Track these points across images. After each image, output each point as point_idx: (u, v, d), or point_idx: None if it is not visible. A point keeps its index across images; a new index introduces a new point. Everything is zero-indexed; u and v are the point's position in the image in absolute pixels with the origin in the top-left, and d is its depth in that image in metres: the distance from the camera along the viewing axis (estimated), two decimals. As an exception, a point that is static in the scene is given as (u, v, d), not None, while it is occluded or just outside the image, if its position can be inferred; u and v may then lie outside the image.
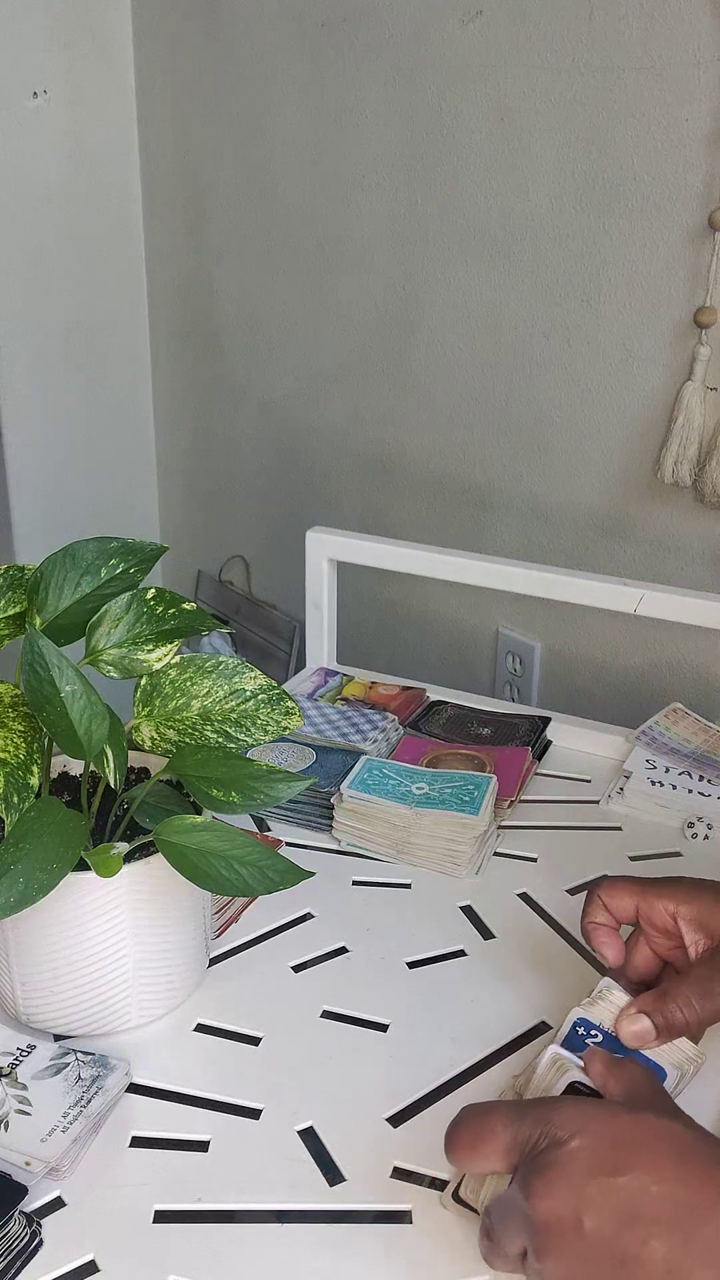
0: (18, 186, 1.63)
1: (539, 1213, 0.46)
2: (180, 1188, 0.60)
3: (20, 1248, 0.56)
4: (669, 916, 0.66)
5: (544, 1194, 0.46)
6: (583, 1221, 0.45)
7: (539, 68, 1.23)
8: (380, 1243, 0.57)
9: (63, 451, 1.81)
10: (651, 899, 0.66)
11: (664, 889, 0.67)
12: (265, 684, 0.69)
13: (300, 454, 1.68)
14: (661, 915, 0.66)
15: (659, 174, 1.16)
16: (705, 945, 0.65)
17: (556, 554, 1.37)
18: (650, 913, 0.66)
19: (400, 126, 1.39)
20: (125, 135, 1.75)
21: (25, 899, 0.58)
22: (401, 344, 1.48)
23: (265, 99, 1.55)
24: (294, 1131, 0.64)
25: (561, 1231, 0.46)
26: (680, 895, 0.66)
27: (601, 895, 0.68)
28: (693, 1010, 0.61)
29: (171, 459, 1.93)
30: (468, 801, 0.89)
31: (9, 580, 0.70)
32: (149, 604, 0.69)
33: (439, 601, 1.53)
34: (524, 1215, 0.47)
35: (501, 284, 1.34)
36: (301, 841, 0.91)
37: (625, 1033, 0.62)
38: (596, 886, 0.69)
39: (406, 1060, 0.69)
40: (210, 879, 0.62)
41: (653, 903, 0.66)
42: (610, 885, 0.68)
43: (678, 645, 1.28)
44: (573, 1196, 0.46)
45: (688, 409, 1.16)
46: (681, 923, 0.65)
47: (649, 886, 0.67)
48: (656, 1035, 0.62)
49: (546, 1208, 0.46)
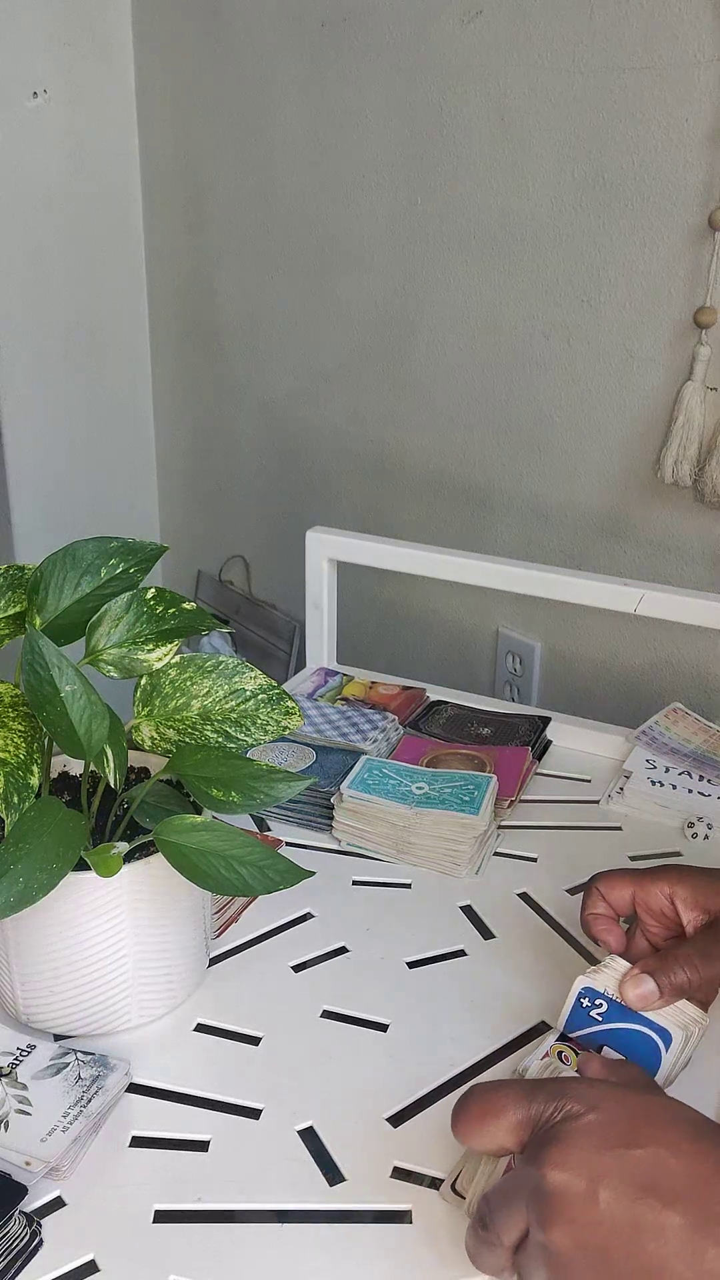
0: (18, 186, 1.63)
1: (552, 1182, 0.47)
2: (180, 1188, 0.60)
3: (20, 1248, 0.56)
4: (666, 898, 0.69)
5: (558, 1163, 0.47)
6: (598, 1191, 0.46)
7: (539, 68, 1.23)
8: (380, 1243, 0.57)
9: (63, 451, 1.81)
10: (647, 884, 0.69)
11: (658, 873, 0.70)
12: (265, 684, 0.69)
13: (300, 454, 1.68)
14: (658, 898, 0.69)
15: (659, 174, 1.16)
16: (702, 919, 0.68)
17: (556, 554, 1.37)
18: (647, 898, 0.69)
19: (400, 126, 1.39)
20: (125, 135, 1.75)
21: (25, 899, 0.58)
22: (401, 344, 1.48)
23: (265, 99, 1.55)
24: (294, 1131, 0.64)
25: (574, 1200, 0.46)
26: (674, 876, 0.69)
27: (599, 888, 0.71)
28: (695, 970, 0.64)
29: (171, 459, 1.93)
30: (468, 801, 0.89)
31: (9, 580, 0.70)
32: (149, 604, 0.69)
33: (439, 601, 1.53)
34: (534, 1188, 0.47)
35: (501, 284, 1.34)
36: (301, 841, 0.91)
37: (630, 995, 0.64)
38: (594, 881, 0.72)
39: (406, 1060, 0.69)
40: (210, 879, 0.62)
41: (648, 887, 0.69)
42: (607, 877, 0.72)
43: (678, 645, 1.29)
44: (588, 1166, 0.46)
45: (688, 409, 1.16)
46: (678, 902, 0.68)
47: (643, 874, 0.70)
48: (660, 995, 0.63)
49: (561, 1178, 0.46)
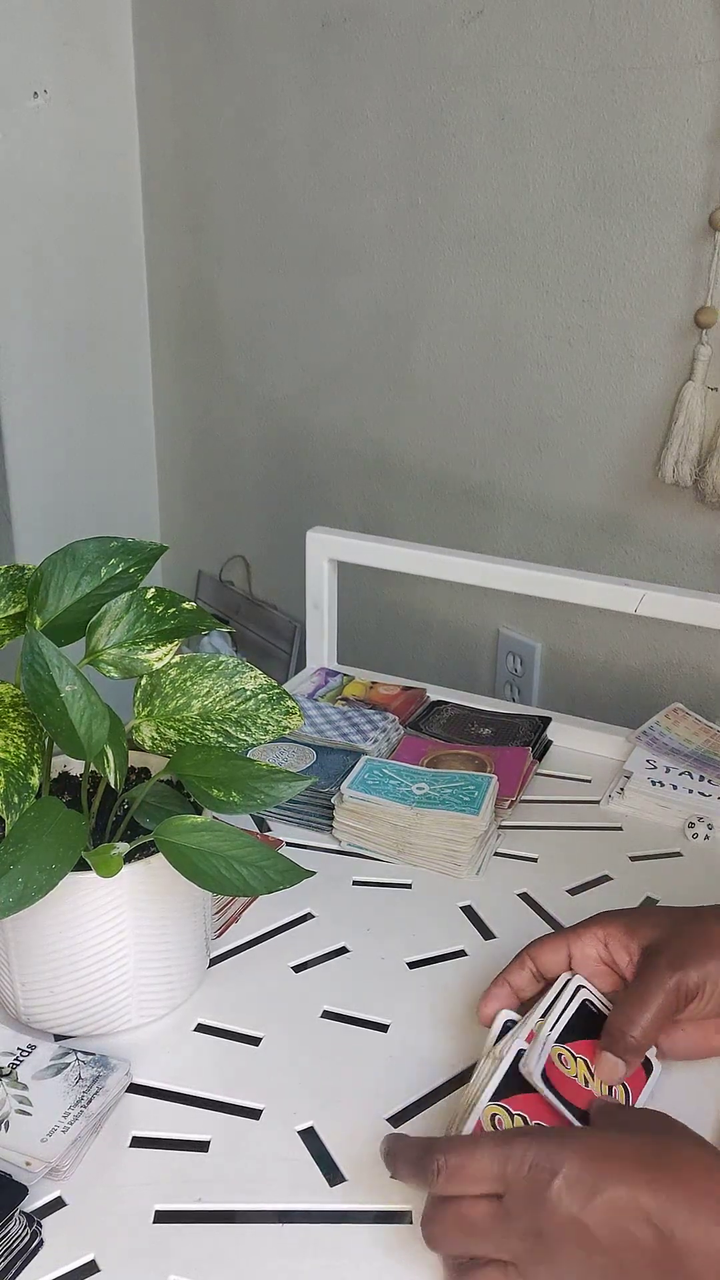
0: (18, 186, 1.63)
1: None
2: (180, 1188, 0.60)
3: (20, 1248, 0.56)
4: (600, 944, 0.67)
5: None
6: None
7: (539, 68, 1.23)
8: (380, 1243, 0.57)
9: (63, 451, 1.81)
10: (581, 936, 0.67)
11: (588, 924, 0.68)
12: (266, 684, 0.69)
13: (300, 454, 1.68)
14: (593, 947, 0.67)
15: (659, 174, 1.16)
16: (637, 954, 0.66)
17: (556, 554, 1.37)
18: (583, 950, 0.67)
19: (400, 126, 1.39)
20: (125, 135, 1.75)
21: (25, 899, 0.58)
22: (401, 344, 1.48)
23: (265, 99, 1.55)
24: (294, 1131, 0.64)
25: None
26: (604, 921, 0.68)
27: (529, 952, 0.68)
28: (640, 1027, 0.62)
29: (172, 458, 1.93)
30: (468, 801, 0.89)
31: (9, 580, 0.70)
32: (149, 604, 0.69)
33: (439, 601, 1.53)
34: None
35: (502, 284, 1.34)
36: (302, 841, 0.91)
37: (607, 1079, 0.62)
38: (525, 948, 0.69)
39: (406, 1060, 0.69)
40: (210, 879, 0.62)
41: (582, 938, 0.67)
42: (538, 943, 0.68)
43: (678, 645, 1.28)
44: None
45: (688, 409, 1.16)
46: (611, 947, 0.66)
47: (573, 930, 0.68)
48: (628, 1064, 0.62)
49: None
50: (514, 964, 0.68)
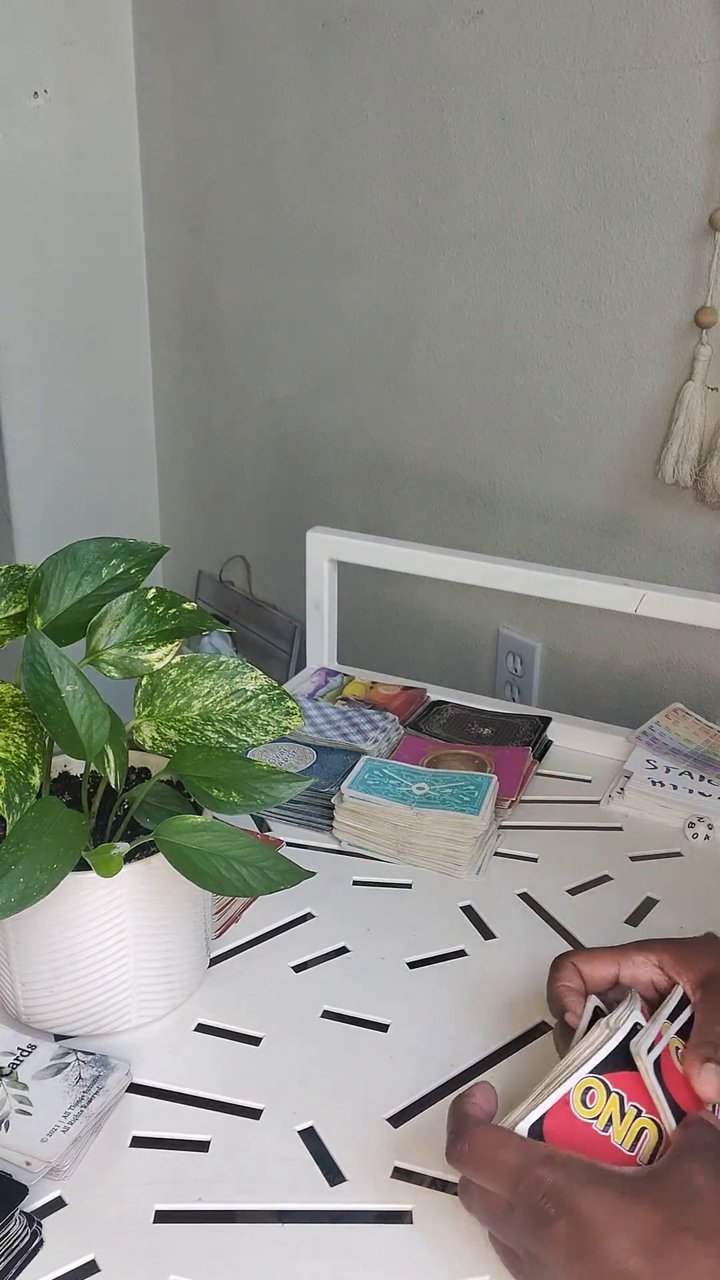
0: (18, 186, 1.63)
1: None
2: (180, 1188, 0.60)
3: (20, 1248, 0.56)
4: (654, 966, 0.65)
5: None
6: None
7: (539, 68, 1.23)
8: (380, 1243, 0.57)
9: (63, 451, 1.81)
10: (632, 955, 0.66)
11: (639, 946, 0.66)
12: (266, 684, 0.69)
13: (301, 454, 1.68)
14: (646, 968, 0.65)
15: (659, 174, 1.16)
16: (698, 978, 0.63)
17: (557, 554, 1.37)
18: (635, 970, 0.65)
19: (400, 126, 1.39)
20: (125, 135, 1.75)
21: (25, 899, 0.58)
22: (401, 344, 1.48)
23: (265, 99, 1.55)
24: (294, 1131, 0.64)
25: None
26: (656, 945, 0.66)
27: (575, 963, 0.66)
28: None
29: (172, 459, 1.94)
30: (468, 801, 0.89)
31: (10, 580, 0.70)
32: (149, 604, 0.69)
33: (439, 601, 1.53)
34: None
35: (502, 284, 1.34)
36: (302, 841, 0.91)
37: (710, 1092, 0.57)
38: (568, 955, 0.67)
39: (406, 1060, 0.69)
40: (210, 879, 0.62)
41: (633, 958, 0.65)
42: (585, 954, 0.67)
43: (678, 645, 1.29)
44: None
45: (688, 409, 1.16)
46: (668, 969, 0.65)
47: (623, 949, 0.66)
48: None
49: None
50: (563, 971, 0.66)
